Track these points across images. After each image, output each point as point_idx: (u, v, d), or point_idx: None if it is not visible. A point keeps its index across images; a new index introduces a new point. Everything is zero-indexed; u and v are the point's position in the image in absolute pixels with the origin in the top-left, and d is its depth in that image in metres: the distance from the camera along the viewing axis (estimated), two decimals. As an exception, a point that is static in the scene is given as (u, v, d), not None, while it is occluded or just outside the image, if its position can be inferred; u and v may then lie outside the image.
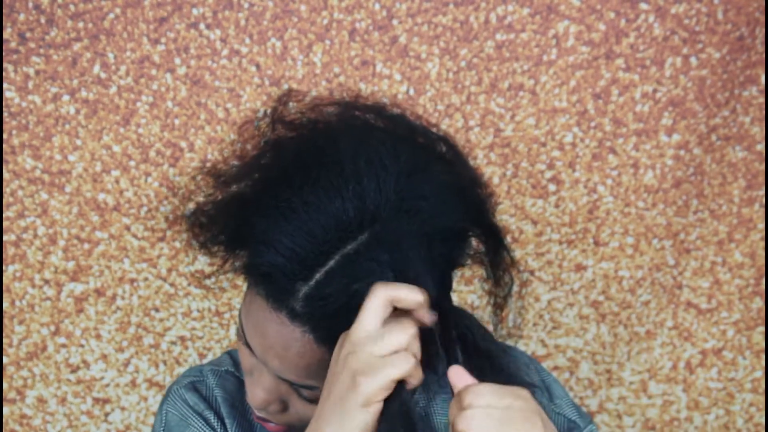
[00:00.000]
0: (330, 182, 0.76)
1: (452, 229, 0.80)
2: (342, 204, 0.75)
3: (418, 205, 0.77)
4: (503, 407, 0.70)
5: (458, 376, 0.73)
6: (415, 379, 0.72)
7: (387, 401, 0.71)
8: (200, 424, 0.91)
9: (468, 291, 1.33)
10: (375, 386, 0.70)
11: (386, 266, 0.74)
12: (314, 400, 0.81)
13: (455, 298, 1.01)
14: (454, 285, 0.88)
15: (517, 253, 1.33)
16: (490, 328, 0.85)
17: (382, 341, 0.71)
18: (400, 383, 0.71)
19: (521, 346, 1.36)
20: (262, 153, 0.87)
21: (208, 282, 1.29)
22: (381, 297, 0.71)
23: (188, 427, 0.90)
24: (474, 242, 0.84)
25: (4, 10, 1.17)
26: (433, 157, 0.83)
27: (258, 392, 0.83)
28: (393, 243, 0.75)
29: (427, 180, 0.79)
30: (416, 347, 0.72)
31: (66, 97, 1.21)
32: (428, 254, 0.76)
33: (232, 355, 1.00)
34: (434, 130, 0.86)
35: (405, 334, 0.71)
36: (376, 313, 0.71)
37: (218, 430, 0.91)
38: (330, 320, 0.75)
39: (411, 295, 0.72)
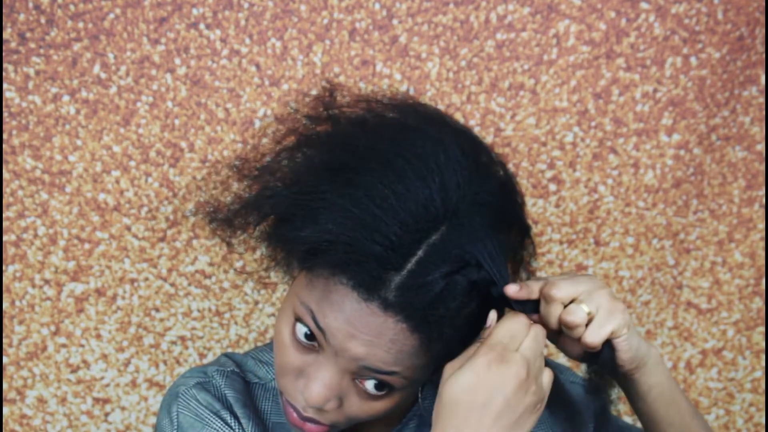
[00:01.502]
0: (415, 172, 0.79)
1: (510, 222, 0.86)
2: (430, 194, 0.78)
3: (487, 198, 0.82)
4: (590, 290, 0.81)
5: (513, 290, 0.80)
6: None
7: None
8: (219, 424, 0.89)
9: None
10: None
11: (471, 256, 0.78)
12: (374, 398, 0.83)
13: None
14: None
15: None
16: None
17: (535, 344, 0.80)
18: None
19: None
20: (307, 142, 0.88)
21: (208, 282, 1.29)
22: (522, 318, 0.81)
23: (205, 428, 0.89)
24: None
25: (4, 10, 1.17)
26: (487, 153, 0.88)
27: (317, 388, 0.82)
28: (472, 233, 0.79)
29: (492, 177, 0.86)
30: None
31: (66, 98, 1.21)
32: (498, 244, 0.81)
33: (232, 357, 0.99)
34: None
35: (542, 333, 0.82)
36: (523, 328, 0.81)
37: (236, 429, 0.90)
38: (425, 309, 0.77)
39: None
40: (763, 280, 1.38)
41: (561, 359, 1.30)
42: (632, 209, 1.33)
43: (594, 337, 0.81)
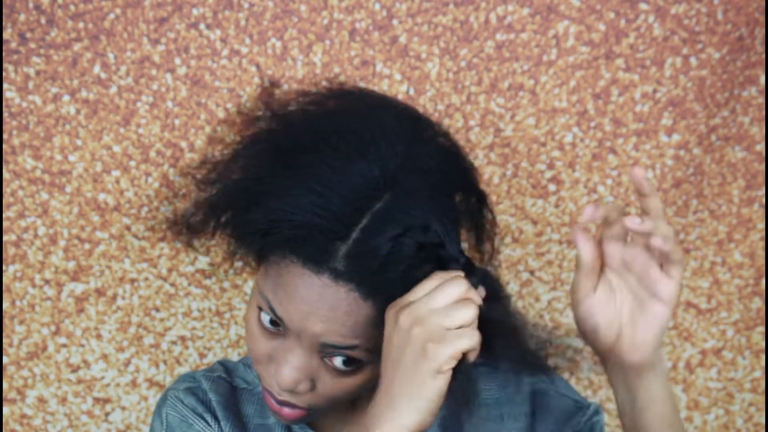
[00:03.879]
0: (351, 147, 0.82)
1: (455, 186, 0.88)
2: (367, 165, 0.81)
3: (429, 164, 0.84)
4: None
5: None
6: (475, 352, 0.78)
7: (454, 370, 0.77)
8: (201, 425, 0.94)
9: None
10: (447, 354, 0.75)
11: (416, 219, 0.79)
12: (345, 374, 0.85)
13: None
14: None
15: (518, 253, 1.33)
16: None
17: (453, 316, 0.76)
18: (464, 355, 0.77)
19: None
20: (252, 139, 0.92)
21: (208, 282, 1.29)
22: (461, 287, 0.77)
23: (190, 427, 0.94)
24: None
25: (4, 11, 1.18)
26: (429, 125, 0.90)
27: (287, 371, 0.84)
28: (416, 198, 0.81)
29: (431, 143, 0.87)
30: (475, 324, 0.78)
31: (66, 98, 1.21)
32: (442, 208, 0.83)
33: (223, 363, 1.04)
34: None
35: (472, 311, 0.77)
36: (450, 296, 0.77)
37: (215, 430, 0.95)
38: (374, 275, 0.79)
39: (476, 297, 0.78)
40: (763, 280, 1.38)
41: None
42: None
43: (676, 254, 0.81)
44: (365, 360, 0.84)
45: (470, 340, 0.76)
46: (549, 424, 1.01)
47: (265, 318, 0.85)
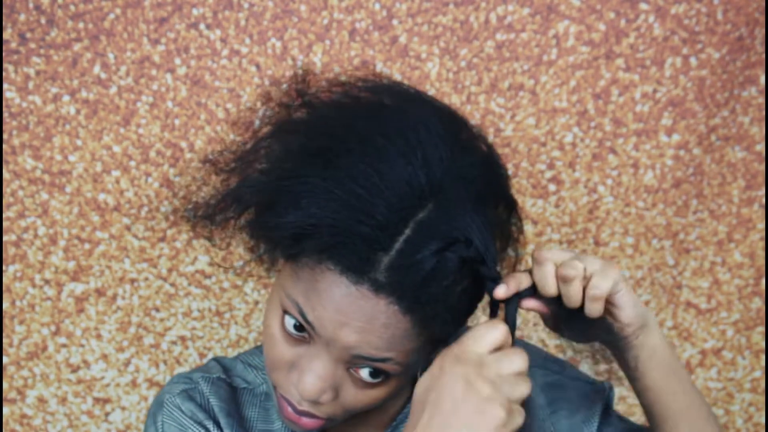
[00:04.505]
0: (397, 150, 0.77)
1: (496, 197, 0.84)
2: (413, 171, 0.76)
3: (472, 172, 0.80)
4: (578, 255, 0.80)
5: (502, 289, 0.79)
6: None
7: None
8: None
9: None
10: (507, 412, 0.73)
11: (459, 232, 0.76)
12: (370, 386, 0.81)
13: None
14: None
15: (518, 254, 1.33)
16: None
17: (509, 364, 0.75)
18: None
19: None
20: (283, 129, 0.86)
21: (208, 282, 1.29)
22: (502, 331, 0.76)
23: None
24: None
25: (4, 11, 1.17)
26: (468, 127, 0.86)
27: (311, 380, 0.80)
28: (460, 208, 0.77)
29: (474, 151, 0.83)
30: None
31: (66, 98, 1.21)
32: (485, 219, 0.79)
33: (220, 361, 0.98)
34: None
35: (524, 359, 0.76)
36: (497, 339, 0.75)
37: None
38: (416, 290, 0.75)
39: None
40: (763, 280, 1.38)
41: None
42: (632, 209, 1.33)
43: (600, 286, 0.79)
44: (393, 373, 0.81)
45: (526, 389, 0.75)
46: (572, 411, 1.00)
47: (290, 322, 0.80)
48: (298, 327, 0.80)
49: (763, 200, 1.35)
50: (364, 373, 0.80)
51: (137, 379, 1.31)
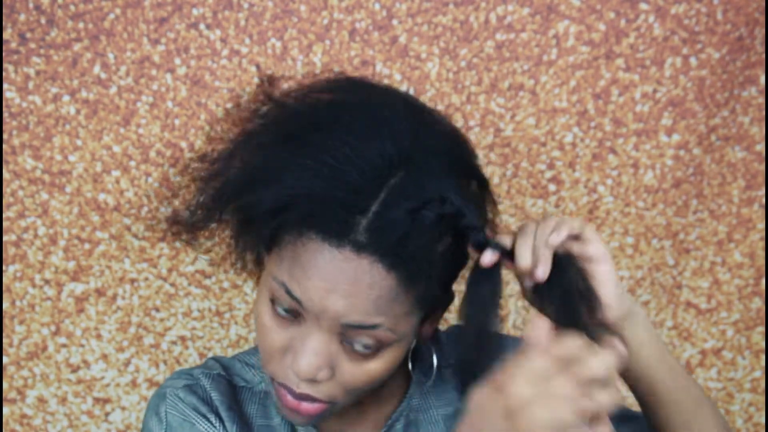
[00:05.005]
0: (365, 125, 0.81)
1: (466, 171, 0.88)
2: (382, 142, 0.80)
3: (440, 145, 0.84)
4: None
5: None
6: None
7: None
8: (205, 425, 0.89)
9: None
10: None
11: (433, 192, 0.79)
12: (366, 358, 0.82)
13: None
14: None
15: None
16: None
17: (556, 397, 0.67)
18: None
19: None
20: (255, 129, 0.90)
21: (208, 282, 1.29)
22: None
23: (192, 427, 0.89)
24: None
25: (4, 11, 1.17)
26: (432, 110, 0.91)
27: (306, 358, 0.81)
28: (431, 173, 0.81)
29: (439, 127, 0.88)
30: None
31: (66, 98, 1.21)
32: (455, 184, 0.83)
33: (219, 360, 0.99)
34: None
35: (569, 385, 0.67)
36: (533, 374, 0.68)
37: (221, 431, 0.90)
38: (397, 246, 0.77)
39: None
40: (763, 280, 1.38)
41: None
42: (632, 209, 1.33)
43: (559, 234, 0.82)
44: (387, 342, 0.82)
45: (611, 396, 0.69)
46: None
47: (279, 308, 0.83)
48: (288, 310, 0.82)
49: (763, 200, 1.35)
50: (358, 345, 0.81)
51: (137, 379, 1.31)
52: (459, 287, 0.88)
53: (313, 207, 0.78)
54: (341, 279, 0.78)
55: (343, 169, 0.78)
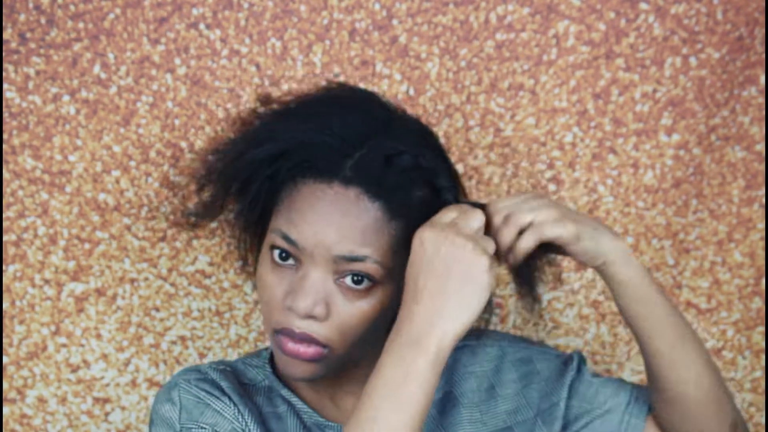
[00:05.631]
0: (345, 103, 0.97)
1: (435, 150, 0.99)
2: (361, 115, 0.94)
3: (409, 125, 0.99)
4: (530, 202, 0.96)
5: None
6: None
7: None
8: (221, 405, 0.94)
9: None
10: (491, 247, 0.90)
11: (410, 148, 0.93)
12: (359, 295, 0.91)
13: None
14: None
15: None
16: None
17: (475, 220, 0.91)
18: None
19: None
20: (249, 123, 1.03)
21: (208, 282, 1.29)
22: (480, 218, 0.91)
23: (209, 407, 0.93)
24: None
25: (4, 11, 1.18)
26: (405, 112, 1.03)
27: (303, 294, 0.90)
28: (407, 139, 0.94)
29: (408, 116, 1.01)
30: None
31: (66, 98, 1.21)
32: (432, 152, 0.97)
33: (222, 361, 1.04)
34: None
35: (482, 215, 0.92)
36: (456, 207, 0.92)
37: (236, 412, 0.94)
38: (379, 177, 0.90)
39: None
40: (763, 280, 1.38)
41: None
42: (632, 209, 1.33)
43: (527, 242, 0.94)
44: (377, 278, 0.91)
45: (491, 240, 0.91)
46: (542, 384, 1.08)
47: (277, 254, 0.92)
48: (285, 256, 0.92)
49: (764, 200, 1.35)
50: (349, 280, 0.91)
51: (137, 379, 1.31)
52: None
53: (307, 152, 0.91)
54: (332, 210, 0.89)
55: (330, 125, 0.91)
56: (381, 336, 0.92)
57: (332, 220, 0.89)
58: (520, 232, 0.94)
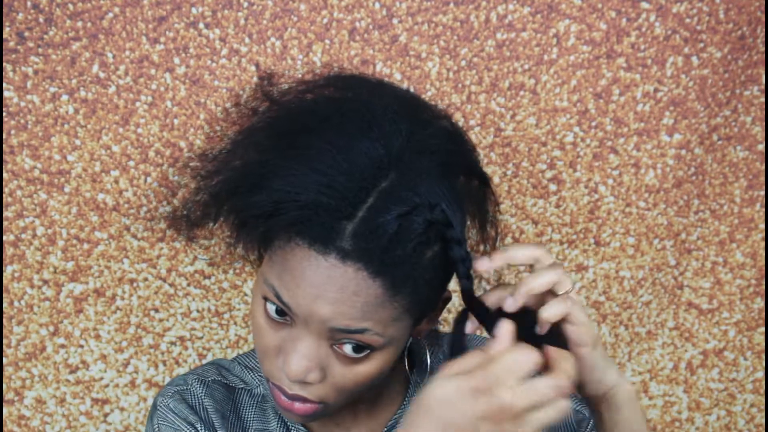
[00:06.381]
0: (354, 126, 0.81)
1: (459, 168, 0.86)
2: (371, 144, 0.79)
3: (433, 144, 0.83)
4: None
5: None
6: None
7: None
8: None
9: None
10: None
11: (422, 197, 0.79)
12: (357, 360, 0.83)
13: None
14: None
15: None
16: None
17: (529, 393, 0.74)
18: None
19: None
20: (252, 127, 0.91)
21: (208, 282, 1.29)
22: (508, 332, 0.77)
23: None
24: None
25: (2, 10, 1.17)
26: (429, 106, 0.90)
27: (296, 360, 0.82)
28: (422, 176, 0.80)
29: (435, 125, 0.86)
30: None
31: (65, 97, 1.21)
32: (448, 189, 0.81)
33: (217, 363, 1.00)
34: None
35: (551, 385, 0.75)
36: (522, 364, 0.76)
37: None
38: (382, 253, 0.78)
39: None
40: (764, 281, 1.38)
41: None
42: (633, 209, 1.32)
43: (557, 309, 0.81)
44: (377, 346, 0.82)
45: (552, 415, 0.75)
46: None
47: (271, 308, 0.83)
48: (280, 312, 0.83)
49: (765, 200, 1.35)
50: (348, 348, 0.82)
51: (136, 380, 1.30)
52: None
53: (300, 214, 0.78)
54: (328, 286, 0.79)
55: (330, 174, 0.78)
56: (392, 378, 0.86)
57: (328, 295, 0.79)
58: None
